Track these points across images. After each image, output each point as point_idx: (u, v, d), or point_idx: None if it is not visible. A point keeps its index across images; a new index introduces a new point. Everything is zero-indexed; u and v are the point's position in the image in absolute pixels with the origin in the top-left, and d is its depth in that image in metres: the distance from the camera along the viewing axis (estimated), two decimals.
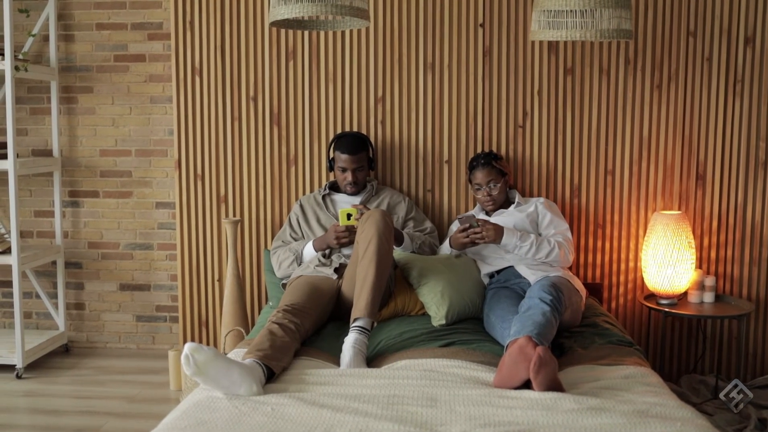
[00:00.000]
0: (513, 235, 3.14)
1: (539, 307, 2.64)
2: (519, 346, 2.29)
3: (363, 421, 2.03)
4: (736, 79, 3.60)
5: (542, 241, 3.17)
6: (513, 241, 3.13)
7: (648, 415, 2.07)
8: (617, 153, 3.69)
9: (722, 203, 3.68)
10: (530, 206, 3.35)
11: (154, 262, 4.27)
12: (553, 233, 3.26)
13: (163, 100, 4.15)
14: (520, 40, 3.65)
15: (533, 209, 3.33)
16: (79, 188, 4.26)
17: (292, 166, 3.79)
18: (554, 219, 3.31)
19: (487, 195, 3.36)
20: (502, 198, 3.39)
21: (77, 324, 4.35)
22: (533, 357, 2.22)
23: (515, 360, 2.28)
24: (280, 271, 3.37)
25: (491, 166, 3.36)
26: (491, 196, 3.36)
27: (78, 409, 3.45)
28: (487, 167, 3.36)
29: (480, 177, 3.37)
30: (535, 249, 3.14)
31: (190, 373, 2.21)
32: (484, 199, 3.38)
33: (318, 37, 3.72)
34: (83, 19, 4.15)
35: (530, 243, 3.14)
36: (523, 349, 2.27)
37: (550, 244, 3.16)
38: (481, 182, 3.37)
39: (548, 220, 3.30)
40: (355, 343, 2.60)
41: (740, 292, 3.71)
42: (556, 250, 3.15)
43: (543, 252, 3.15)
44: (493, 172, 3.36)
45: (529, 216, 3.30)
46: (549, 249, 3.15)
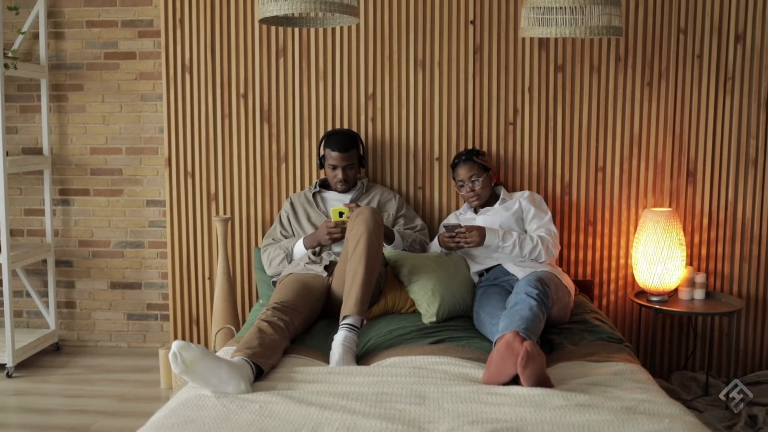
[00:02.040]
0: (495, 236, 3.15)
1: (526, 301, 2.65)
2: (506, 342, 2.29)
3: (351, 419, 2.03)
4: (727, 77, 3.61)
5: (525, 238, 3.17)
6: (495, 241, 3.15)
7: (636, 411, 2.07)
8: (608, 150, 3.69)
9: (713, 200, 3.68)
10: (515, 203, 3.35)
11: (144, 260, 4.26)
12: (536, 228, 3.26)
13: (153, 97, 4.14)
14: (510, 37, 3.64)
15: (518, 206, 3.33)
16: (69, 186, 4.25)
17: (283, 163, 3.78)
18: (537, 213, 3.31)
19: (470, 190, 3.36)
20: (486, 193, 3.39)
21: (68, 322, 4.34)
22: (521, 352, 2.22)
23: (503, 355, 2.28)
24: (271, 269, 3.36)
25: (473, 161, 3.36)
26: (474, 192, 3.35)
27: (69, 407, 3.44)
28: (468, 163, 3.37)
29: (462, 173, 3.38)
30: (519, 248, 3.15)
31: (178, 371, 2.21)
32: (468, 195, 3.38)
33: (308, 35, 3.71)
34: (73, 16, 4.13)
35: (512, 242, 3.15)
36: (510, 344, 2.27)
37: (533, 241, 3.17)
38: (464, 178, 3.37)
39: (531, 214, 3.31)
40: (345, 341, 2.60)
41: (731, 289, 3.71)
42: (539, 246, 3.16)
43: (526, 249, 3.15)
44: (475, 167, 3.36)
45: (514, 214, 3.31)
46: (532, 245, 3.16)
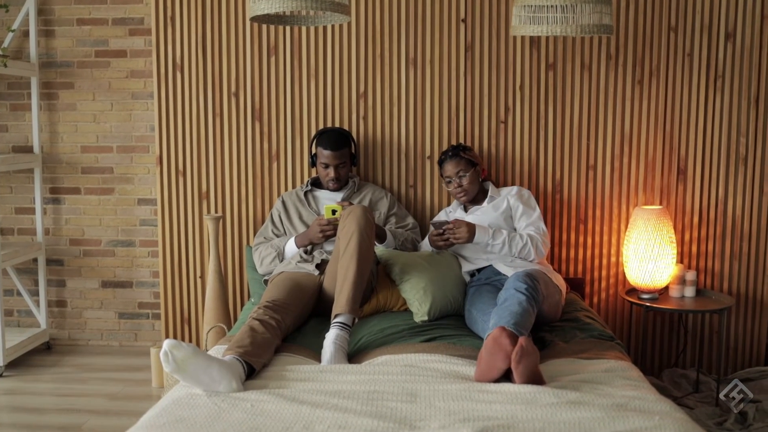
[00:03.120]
0: (485, 233, 3.14)
1: (515, 297, 2.65)
2: (493, 338, 2.30)
3: (342, 417, 2.03)
4: (717, 75, 3.62)
5: (514, 236, 3.16)
6: (485, 239, 3.13)
7: (627, 408, 2.08)
8: (599, 148, 3.70)
9: (703, 198, 3.70)
10: (503, 201, 3.32)
11: (136, 259, 4.25)
12: (525, 226, 3.25)
13: (144, 96, 4.13)
14: (501, 35, 3.65)
15: (506, 205, 3.31)
16: (60, 185, 4.23)
17: (274, 162, 3.78)
18: (526, 210, 3.28)
19: (458, 186, 3.34)
20: (474, 188, 3.37)
21: (59, 321, 4.33)
22: (515, 347, 2.23)
23: (491, 351, 2.29)
24: (262, 268, 3.36)
25: (459, 157, 3.35)
26: (462, 187, 3.34)
27: (60, 406, 3.43)
28: (455, 158, 3.35)
29: (449, 169, 3.36)
30: (508, 246, 3.14)
31: (169, 369, 2.20)
32: (455, 191, 3.36)
33: (299, 33, 3.71)
34: (64, 14, 4.11)
35: (502, 240, 3.13)
36: (497, 339, 2.28)
37: (523, 239, 3.15)
38: (451, 174, 3.36)
39: (520, 212, 3.28)
40: (336, 339, 2.60)
41: (720, 287, 3.73)
42: (528, 245, 3.14)
43: (516, 247, 3.14)
44: (461, 163, 3.34)
45: (503, 213, 3.29)
46: (522, 244, 3.14)
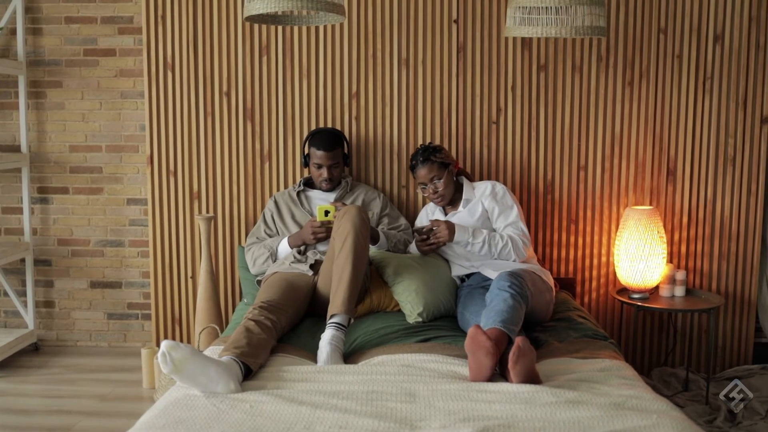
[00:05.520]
0: (465, 233, 3.10)
1: (500, 296, 2.65)
2: (469, 338, 2.34)
3: (343, 418, 2.03)
4: (706, 76, 3.65)
5: (494, 236, 3.12)
6: (465, 237, 3.09)
7: (624, 407, 2.09)
8: (590, 149, 3.72)
9: (692, 198, 3.73)
10: (478, 205, 3.26)
11: (125, 259, 4.22)
12: (504, 227, 3.21)
13: (134, 95, 4.10)
14: (494, 36, 3.66)
15: (481, 209, 3.24)
16: (48, 184, 4.19)
17: (266, 161, 3.76)
18: (503, 210, 3.23)
19: (433, 192, 3.26)
20: (450, 191, 3.29)
21: (47, 322, 4.29)
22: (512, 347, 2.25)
23: (471, 350, 2.32)
24: (255, 268, 3.35)
25: (431, 161, 3.24)
26: (438, 192, 3.26)
27: (49, 408, 3.40)
28: (427, 164, 3.24)
29: (422, 175, 3.26)
30: (488, 245, 3.10)
31: (167, 370, 2.19)
32: (432, 198, 3.28)
33: (291, 32, 3.70)
34: (51, 12, 4.07)
35: (482, 239, 3.10)
36: (474, 337, 2.32)
37: (503, 240, 3.12)
38: (425, 180, 3.26)
39: (496, 213, 3.23)
40: (332, 340, 2.60)
41: (710, 286, 3.76)
42: (509, 245, 3.11)
43: (497, 248, 3.11)
44: (434, 168, 3.24)
45: (480, 218, 3.23)
46: (502, 244, 3.11)
